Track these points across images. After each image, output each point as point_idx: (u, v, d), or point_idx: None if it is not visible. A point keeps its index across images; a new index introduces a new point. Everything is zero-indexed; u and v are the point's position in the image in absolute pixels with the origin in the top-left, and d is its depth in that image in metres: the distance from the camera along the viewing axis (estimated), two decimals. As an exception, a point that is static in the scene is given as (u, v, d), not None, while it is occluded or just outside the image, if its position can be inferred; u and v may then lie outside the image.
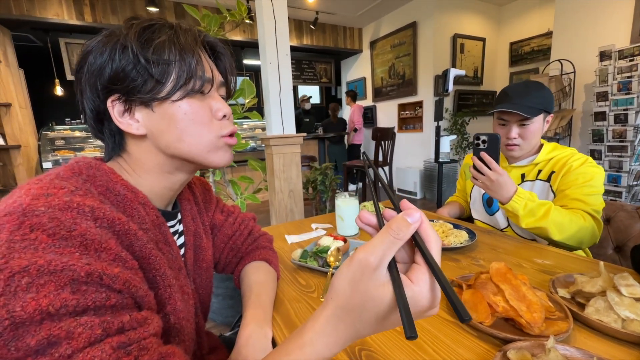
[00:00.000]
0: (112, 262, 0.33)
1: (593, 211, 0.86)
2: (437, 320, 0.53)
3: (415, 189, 4.34)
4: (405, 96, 4.55)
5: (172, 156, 0.46)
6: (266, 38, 1.63)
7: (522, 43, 4.28)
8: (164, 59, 0.41)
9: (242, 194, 1.60)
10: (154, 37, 0.42)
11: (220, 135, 0.47)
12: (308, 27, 4.64)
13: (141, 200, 0.43)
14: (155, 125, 0.44)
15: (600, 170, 0.91)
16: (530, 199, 0.83)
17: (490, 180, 0.83)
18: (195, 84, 0.44)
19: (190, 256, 0.54)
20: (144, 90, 0.42)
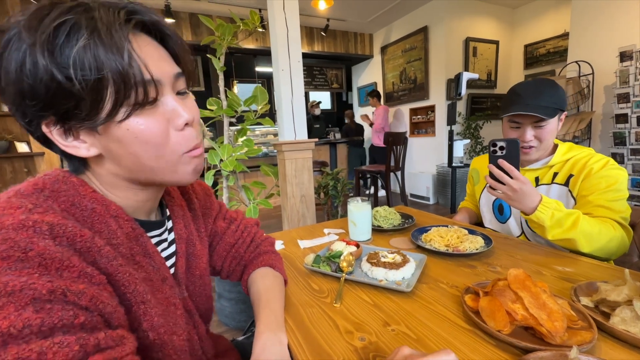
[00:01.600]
0: (77, 279, 0.30)
1: (621, 219, 0.82)
2: (454, 328, 0.52)
3: (427, 194, 4.28)
4: (416, 100, 4.52)
5: (134, 179, 0.41)
6: (279, 46, 1.66)
7: (537, 45, 4.20)
8: (90, 72, 0.32)
9: (255, 199, 1.62)
10: (71, 40, 0.31)
11: (182, 153, 0.40)
12: (319, 34, 4.69)
13: (113, 213, 0.40)
14: (107, 147, 0.37)
15: (623, 173, 0.86)
16: (558, 209, 0.77)
17: (512, 189, 0.77)
18: (139, 95, 0.35)
19: (182, 264, 0.51)
20: (80, 116, 0.34)
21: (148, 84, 0.35)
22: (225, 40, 1.56)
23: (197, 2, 3.61)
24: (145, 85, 0.35)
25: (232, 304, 1.60)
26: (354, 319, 0.57)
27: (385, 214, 1.09)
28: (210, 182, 1.48)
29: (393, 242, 0.95)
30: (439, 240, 0.86)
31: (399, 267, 0.70)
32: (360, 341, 0.51)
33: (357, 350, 0.49)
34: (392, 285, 0.66)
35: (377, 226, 1.04)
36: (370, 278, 0.70)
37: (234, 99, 1.53)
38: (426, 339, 0.50)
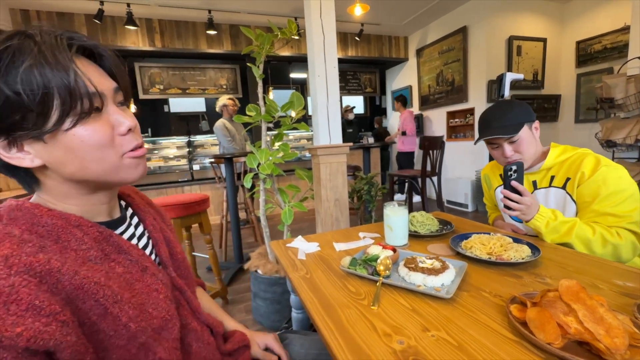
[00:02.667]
0: (24, 312, 0.32)
1: (629, 224, 0.84)
2: (499, 338, 0.50)
3: (466, 201, 4.09)
4: (454, 103, 4.36)
5: (80, 182, 0.44)
6: (315, 52, 1.70)
7: (591, 41, 3.86)
8: (37, 87, 0.36)
9: (290, 202, 1.66)
10: (17, 62, 0.36)
11: (123, 153, 0.45)
12: (353, 39, 4.72)
13: (75, 222, 0.42)
14: (52, 157, 0.41)
15: (618, 171, 0.86)
16: (552, 218, 0.87)
17: (527, 205, 0.88)
18: (84, 105, 0.40)
19: (164, 250, 0.56)
20: (27, 127, 0.38)
21: (93, 96, 0.41)
22: (264, 49, 1.63)
23: (237, 14, 3.81)
24: (91, 97, 0.40)
25: (267, 303, 1.65)
26: (392, 322, 0.57)
27: (422, 219, 1.07)
28: (248, 185, 1.55)
29: (431, 248, 0.92)
30: (480, 247, 0.83)
31: (437, 273, 0.68)
32: (399, 344, 0.50)
33: (396, 352, 0.49)
34: (431, 291, 0.65)
35: (414, 232, 1.03)
36: (407, 283, 0.70)
37: (272, 105, 1.59)
38: (468, 347, 0.49)
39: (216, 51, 4.06)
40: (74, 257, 0.40)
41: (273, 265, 1.65)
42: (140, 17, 3.63)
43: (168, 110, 5.72)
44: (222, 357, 0.60)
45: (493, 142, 1.02)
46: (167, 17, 3.77)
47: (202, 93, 4.71)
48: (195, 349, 0.53)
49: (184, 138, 4.41)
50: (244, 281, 2.33)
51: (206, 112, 5.83)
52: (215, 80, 4.77)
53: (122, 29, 3.60)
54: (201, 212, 1.87)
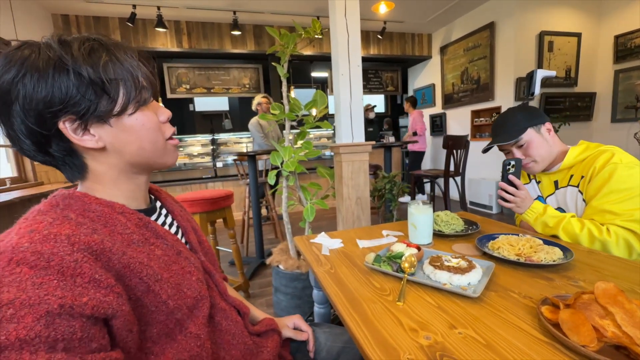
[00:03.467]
0: (87, 284, 0.36)
1: (626, 221, 0.83)
2: (529, 339, 0.50)
3: (490, 203, 3.96)
4: (479, 102, 4.23)
5: (134, 163, 0.51)
6: (339, 51, 1.71)
7: (631, 35, 3.62)
8: (114, 77, 0.45)
9: (311, 199, 1.69)
10: (98, 57, 0.44)
11: (166, 138, 0.53)
12: (375, 37, 4.68)
13: (119, 210, 0.47)
14: (115, 138, 0.48)
15: (631, 169, 0.84)
16: (541, 213, 0.94)
17: (522, 198, 0.97)
18: (143, 95, 0.48)
19: (193, 237, 0.61)
20: (99, 110, 0.45)
21: (149, 88, 0.50)
22: (289, 49, 1.66)
23: (261, 14, 3.88)
24: (147, 88, 0.50)
25: (287, 298, 1.68)
26: (418, 318, 0.57)
27: (446, 219, 1.06)
28: (272, 182, 1.59)
29: (456, 247, 0.92)
30: (508, 248, 0.81)
31: (464, 272, 0.68)
32: (425, 340, 0.51)
33: (422, 347, 0.49)
34: (457, 289, 0.65)
35: (438, 231, 1.02)
36: (433, 281, 0.70)
37: (296, 104, 1.62)
38: (497, 346, 0.48)
39: (240, 51, 4.16)
40: (121, 240, 0.45)
41: (294, 261, 1.68)
42: (169, 19, 3.78)
43: (193, 109, 5.92)
44: (251, 337, 0.63)
45: (503, 148, 1.08)
46: (194, 19, 3.89)
47: (226, 92, 4.83)
48: (224, 326, 0.57)
49: (207, 136, 4.55)
50: (265, 276, 2.38)
51: (229, 110, 5.99)
52: (238, 80, 4.87)
53: (152, 30, 3.76)
54: (225, 208, 1.93)
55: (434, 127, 5.25)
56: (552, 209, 0.94)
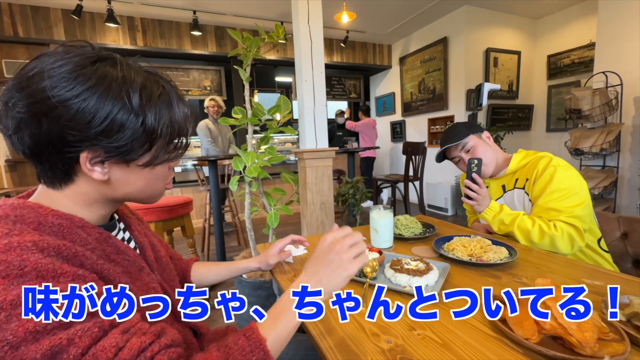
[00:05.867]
0: (72, 282, 0.35)
1: (568, 217, 0.92)
2: (480, 335, 0.53)
3: (446, 205, 4.21)
4: (435, 111, 4.50)
5: (122, 198, 0.49)
6: (302, 57, 1.72)
7: (560, 55, 4.12)
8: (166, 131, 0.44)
9: (275, 205, 1.66)
10: (164, 110, 0.43)
11: (166, 184, 0.53)
12: (338, 45, 4.79)
13: (78, 223, 0.43)
14: (124, 177, 0.45)
15: (567, 171, 0.95)
16: (499, 211, 1.01)
17: (482, 196, 1.03)
18: (177, 153, 0.49)
19: (150, 254, 0.58)
20: (130, 154, 0.43)
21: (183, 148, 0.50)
22: (251, 52, 1.63)
23: (223, 16, 3.78)
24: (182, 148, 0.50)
25: (249, 307, 1.63)
26: (380, 322, 0.58)
27: (406, 222, 1.10)
28: (234, 188, 1.54)
29: (415, 250, 0.95)
30: (461, 249, 0.86)
31: (422, 274, 0.71)
32: (387, 343, 0.52)
33: (384, 352, 0.50)
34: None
35: (399, 234, 1.05)
36: (393, 284, 0.72)
37: (259, 108, 1.59)
38: (453, 345, 0.51)
39: (201, 52, 4.01)
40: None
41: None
42: (122, 15, 3.54)
43: (148, 110, 5.57)
44: None
45: (453, 156, 1.17)
46: (150, 16, 3.68)
47: (185, 94, 4.62)
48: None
49: (165, 139, 4.30)
50: (227, 285, 2.29)
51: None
52: (199, 82, 4.69)
53: (102, 26, 3.49)
54: (184, 216, 1.83)
55: (394, 134, 5.48)
56: (508, 208, 1.01)
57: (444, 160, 1.23)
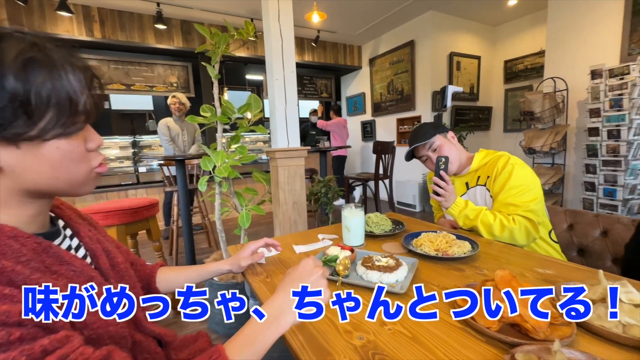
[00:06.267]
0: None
1: (525, 211, 0.99)
2: (446, 326, 0.56)
3: (414, 202, 4.37)
4: (403, 111, 4.65)
5: (34, 191, 0.42)
6: (273, 56, 1.70)
7: (516, 61, 4.43)
8: (46, 99, 0.37)
9: (247, 205, 1.63)
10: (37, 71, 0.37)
11: (93, 167, 0.46)
12: (309, 44, 4.79)
13: (10, 234, 0.39)
14: (20, 163, 0.39)
15: (523, 169, 1.04)
16: (464, 207, 1.06)
17: (449, 193, 1.07)
18: (76, 123, 0.41)
19: (104, 262, 0.54)
20: (11, 128, 0.36)
21: (85, 116, 0.42)
22: (220, 49, 1.59)
23: (189, 9, 3.63)
24: (88, 113, 0.42)
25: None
26: (352, 319, 0.59)
27: (377, 220, 1.13)
28: (203, 189, 1.49)
29: (385, 247, 0.98)
30: (429, 245, 0.90)
31: (392, 270, 0.73)
32: (359, 340, 0.53)
33: (356, 348, 0.51)
34: (387, 287, 0.69)
35: (370, 232, 1.08)
36: (365, 281, 0.73)
37: (228, 106, 1.55)
38: (421, 337, 0.53)
39: (166, 47, 3.82)
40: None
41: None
42: (76, 3, 3.28)
43: (109, 107, 5.22)
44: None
45: (421, 155, 1.22)
46: (108, 6, 3.45)
47: (150, 90, 4.37)
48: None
49: (128, 138, 4.05)
50: (198, 288, 2.20)
51: (154, 110, 5.44)
52: (164, 78, 4.46)
53: (52, 14, 3.21)
54: (149, 218, 1.74)
55: (365, 133, 5.59)
56: (472, 204, 1.07)
57: (412, 159, 1.28)
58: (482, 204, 1.14)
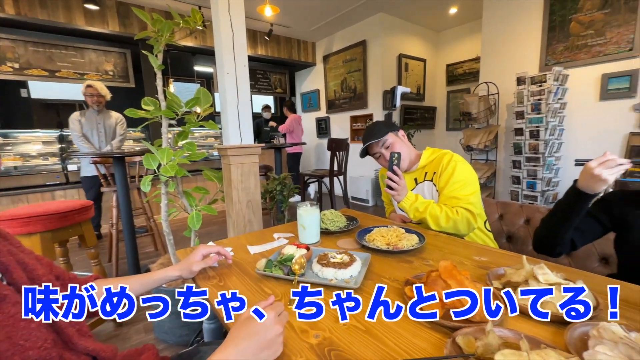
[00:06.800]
0: None
1: (466, 203, 1.09)
2: (399, 318, 0.59)
3: (367, 197, 4.54)
4: (356, 109, 4.79)
5: None
6: (223, 48, 1.62)
7: (456, 65, 4.82)
8: None
9: (197, 205, 1.54)
10: None
11: None
12: (262, 38, 4.67)
13: None
14: None
15: (464, 165, 1.16)
16: (414, 200, 1.11)
17: (402, 187, 1.12)
18: None
19: (19, 276, 0.49)
20: None
21: None
22: (164, 37, 1.47)
23: (126, -10, 3.30)
24: None
25: (172, 318, 1.49)
26: (308, 318, 0.60)
27: (332, 217, 1.15)
28: (147, 189, 1.37)
29: (340, 243, 1.00)
30: (380, 239, 0.94)
31: (347, 266, 0.75)
32: (315, 338, 0.54)
33: (312, 347, 0.52)
34: (342, 283, 0.71)
35: (325, 229, 1.09)
36: (321, 278, 0.74)
37: (175, 100, 1.44)
38: (374, 330, 0.55)
39: (99, 30, 3.42)
40: None
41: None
42: (-21, -29, 2.77)
43: (27, 95, 4.55)
44: None
45: (374, 152, 1.27)
46: (23, -22, 2.98)
47: (79, 78, 3.88)
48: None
49: (53, 132, 3.56)
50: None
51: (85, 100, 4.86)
52: (97, 65, 4.00)
53: (-54, -19, 2.67)
54: (82, 223, 1.56)
55: (320, 130, 5.64)
56: (422, 197, 1.13)
57: (366, 155, 1.33)
58: (429, 198, 1.23)
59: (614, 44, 2.54)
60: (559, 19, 2.81)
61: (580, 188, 0.79)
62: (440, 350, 0.49)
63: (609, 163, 0.73)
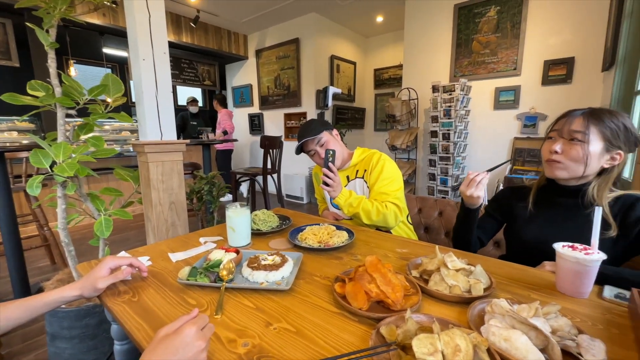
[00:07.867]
0: None
1: (393, 198, 1.20)
2: (327, 314, 0.60)
3: (302, 195, 4.59)
4: (290, 107, 4.78)
5: None
6: (138, 32, 1.43)
7: (382, 70, 5.18)
8: None
9: (107, 210, 1.34)
10: None
11: None
12: (188, 24, 4.30)
13: None
14: None
15: (391, 163, 1.28)
16: (348, 197, 1.17)
17: (337, 183, 1.15)
18: None
19: None
20: None
21: None
22: (58, 10, 1.23)
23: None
24: None
25: (74, 343, 1.27)
26: (236, 326, 0.57)
27: (264, 217, 1.12)
28: (35, 192, 1.13)
29: (272, 243, 0.98)
30: (312, 237, 0.95)
31: (278, 268, 0.73)
32: (243, 347, 0.51)
33: (240, 357, 0.49)
34: (273, 286, 0.69)
35: (257, 230, 1.06)
36: (251, 282, 0.71)
37: (74, 86, 1.22)
38: (305, 330, 0.55)
39: (-38, -9, 2.71)
40: None
41: (83, 293, 1.28)
42: None
43: None
44: None
45: (310, 149, 1.30)
46: None
47: None
48: None
49: None
50: (33, 322, 1.70)
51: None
52: (-38, 35, 3.17)
53: None
54: (-62, 237, 1.21)
55: (253, 127, 5.48)
56: (355, 193, 1.20)
57: (301, 152, 1.34)
58: (360, 194, 1.29)
59: (503, 62, 3.05)
60: (464, 37, 3.24)
61: (466, 205, 0.95)
62: (366, 341, 0.52)
63: (472, 183, 0.88)
